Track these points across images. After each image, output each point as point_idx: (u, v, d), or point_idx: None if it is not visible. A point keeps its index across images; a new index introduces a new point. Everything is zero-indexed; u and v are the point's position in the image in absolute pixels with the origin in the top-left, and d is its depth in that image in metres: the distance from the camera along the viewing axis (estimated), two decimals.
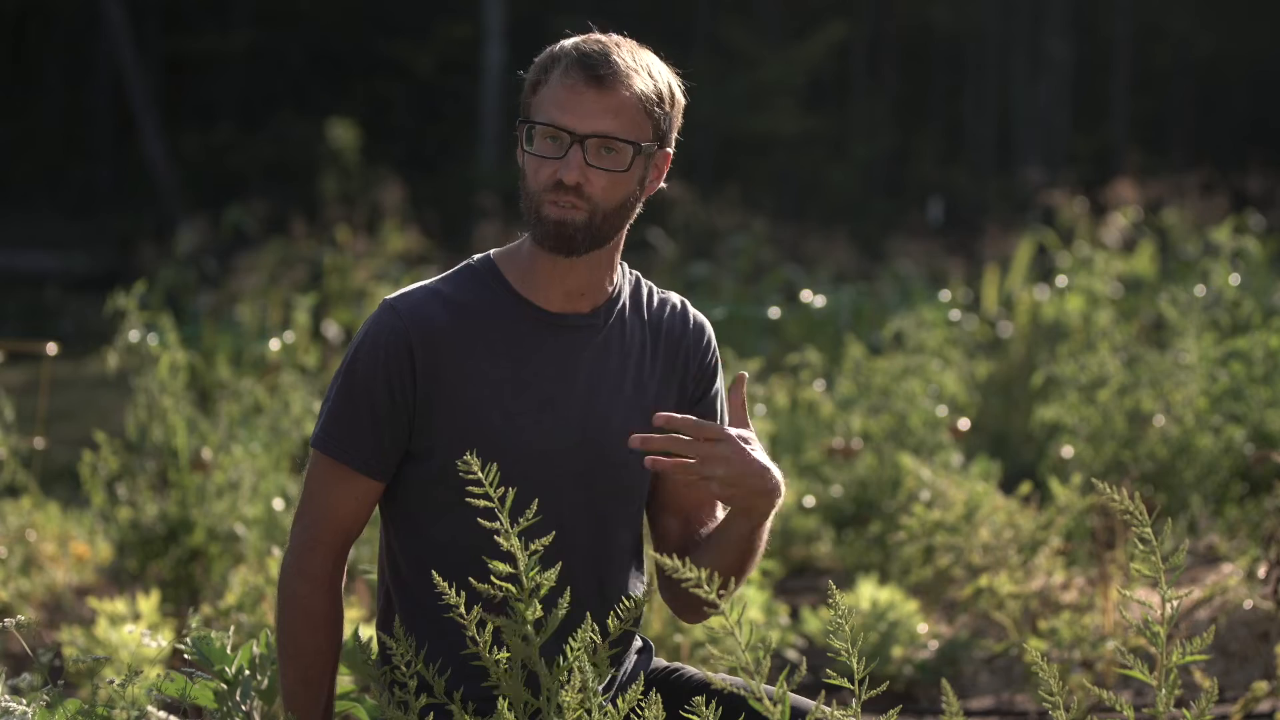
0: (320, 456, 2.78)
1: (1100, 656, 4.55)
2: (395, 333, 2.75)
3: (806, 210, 24.57)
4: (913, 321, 7.24)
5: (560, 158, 2.71)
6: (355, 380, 2.76)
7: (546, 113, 2.72)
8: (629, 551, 2.87)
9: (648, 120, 2.74)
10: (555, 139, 2.72)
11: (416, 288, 2.81)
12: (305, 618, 2.78)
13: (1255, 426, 5.80)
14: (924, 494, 5.48)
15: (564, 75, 2.72)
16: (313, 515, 2.79)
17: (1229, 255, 7.39)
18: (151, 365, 6.00)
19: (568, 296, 2.80)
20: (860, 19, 29.89)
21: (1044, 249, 12.56)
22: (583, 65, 2.72)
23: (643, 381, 2.84)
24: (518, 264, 2.82)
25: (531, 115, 2.75)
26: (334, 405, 2.77)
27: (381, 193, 16.06)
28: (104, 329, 6.39)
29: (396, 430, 2.75)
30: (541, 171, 2.73)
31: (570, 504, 2.77)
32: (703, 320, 2.94)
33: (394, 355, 2.74)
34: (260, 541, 5.76)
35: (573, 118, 2.70)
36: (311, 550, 2.78)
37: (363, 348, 2.77)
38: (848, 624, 2.48)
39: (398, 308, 2.77)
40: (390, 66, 27.84)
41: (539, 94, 2.74)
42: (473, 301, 2.79)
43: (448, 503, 2.74)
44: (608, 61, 2.72)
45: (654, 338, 2.87)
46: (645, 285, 2.91)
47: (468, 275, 2.83)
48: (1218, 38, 29.38)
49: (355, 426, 2.75)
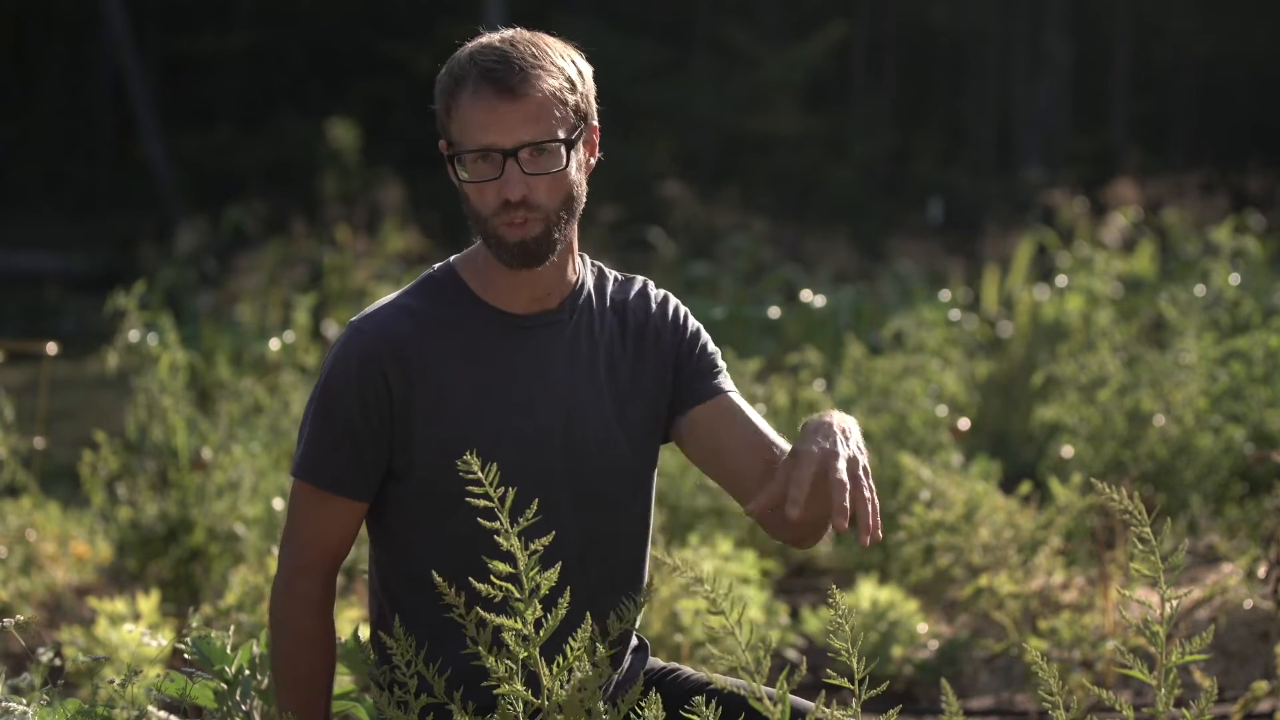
0: (302, 484, 2.77)
1: (1100, 656, 4.55)
2: (366, 355, 2.73)
3: (806, 210, 24.56)
4: (913, 321, 7.24)
5: (498, 177, 2.68)
6: (330, 406, 2.74)
7: (471, 137, 2.68)
8: (629, 540, 2.85)
9: (566, 110, 2.70)
10: (486, 159, 2.69)
11: (381, 306, 2.79)
12: (300, 642, 2.79)
13: (1255, 426, 5.80)
14: (924, 494, 5.48)
15: (474, 95, 2.67)
16: (299, 541, 2.78)
17: (1229, 255, 7.40)
18: (151, 365, 6.01)
19: (533, 298, 2.79)
20: (860, 19, 29.89)
21: (1044, 249, 12.56)
22: (489, 80, 2.67)
23: (615, 367, 2.82)
24: (479, 270, 2.81)
25: (454, 143, 2.71)
26: (311, 432, 2.76)
27: (381, 193, 16.07)
28: (104, 329, 6.39)
29: (376, 451, 2.74)
30: (485, 195, 2.70)
31: (560, 502, 2.76)
32: (665, 293, 2.91)
33: (367, 378, 2.72)
34: (260, 541, 5.76)
35: (496, 135, 2.67)
36: (301, 575, 2.78)
37: (334, 373, 2.74)
38: (848, 624, 2.48)
39: (365, 330, 2.75)
40: (390, 66, 27.82)
41: (454, 118, 2.70)
42: (439, 313, 2.77)
43: (430, 517, 2.74)
44: (511, 68, 2.67)
45: (621, 323, 2.85)
46: (609, 274, 2.89)
47: (431, 286, 2.81)
48: (1218, 38, 29.38)
49: (334, 452, 2.74)
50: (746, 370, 6.92)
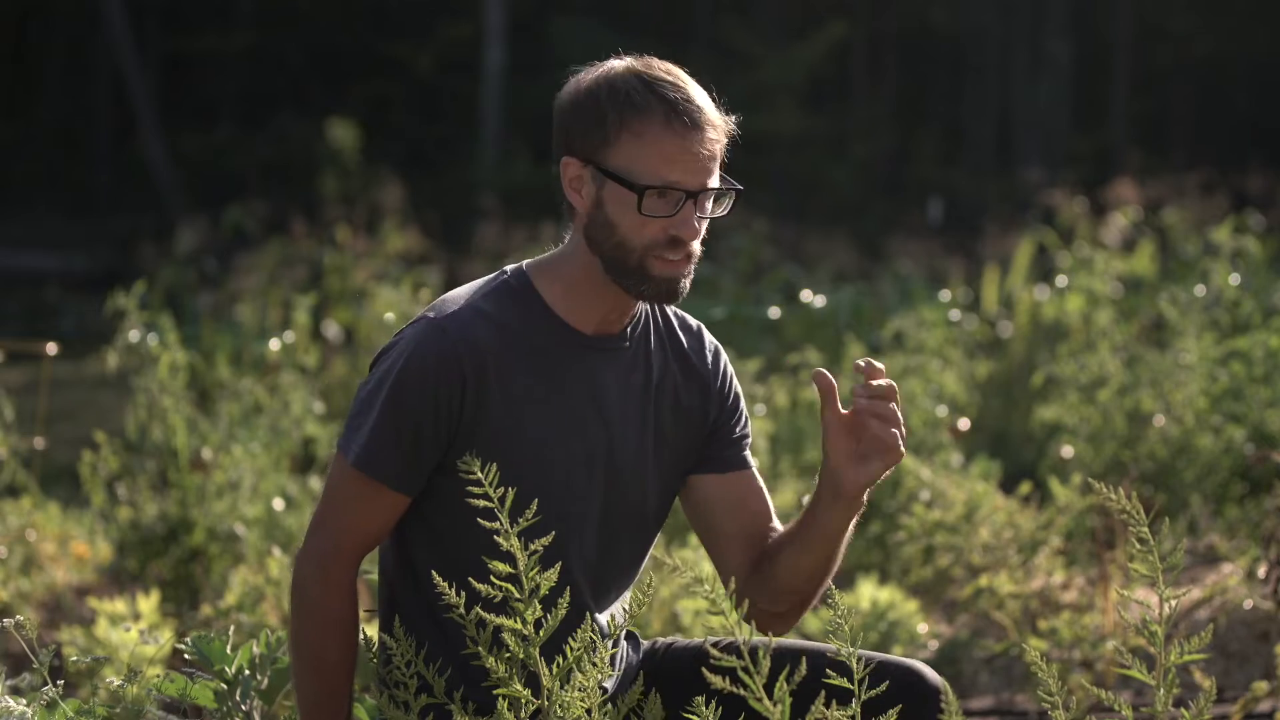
0: (354, 472, 2.71)
1: (1100, 656, 4.55)
2: (447, 358, 2.68)
3: (806, 210, 24.56)
4: (913, 321, 7.24)
5: (671, 215, 2.65)
6: (403, 401, 2.69)
7: (652, 170, 2.63)
8: (629, 576, 2.86)
9: (724, 157, 2.71)
10: (664, 195, 2.64)
11: (461, 307, 2.73)
12: (332, 628, 2.74)
13: (1255, 426, 5.80)
14: (924, 494, 5.48)
15: (665, 128, 2.63)
16: (339, 525, 2.73)
17: (1229, 255, 7.39)
18: (151, 365, 6.00)
19: (605, 320, 2.77)
20: (860, 19, 29.88)
21: (1044, 249, 12.55)
22: (684, 115, 2.64)
23: (661, 404, 2.82)
24: (558, 283, 2.76)
25: (623, 169, 2.65)
26: (377, 423, 2.69)
27: (381, 193, 16.06)
28: (104, 329, 6.39)
29: (435, 450, 2.71)
30: (648, 228, 2.65)
31: (589, 522, 2.76)
32: (718, 346, 2.90)
33: (445, 381, 2.68)
34: (260, 541, 5.75)
35: (683, 174, 2.63)
36: (335, 562, 2.73)
37: (411, 368, 2.69)
38: (848, 624, 2.48)
39: (449, 330, 2.69)
40: (390, 66, 27.83)
41: (626, 145, 2.65)
42: (513, 323, 2.73)
43: (473, 514, 2.73)
44: (700, 108, 2.65)
45: (678, 362, 2.84)
46: (665, 306, 2.87)
47: (506, 293, 2.76)
48: (1218, 38, 29.37)
49: (396, 446, 2.69)
50: (747, 370, 6.92)
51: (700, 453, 2.85)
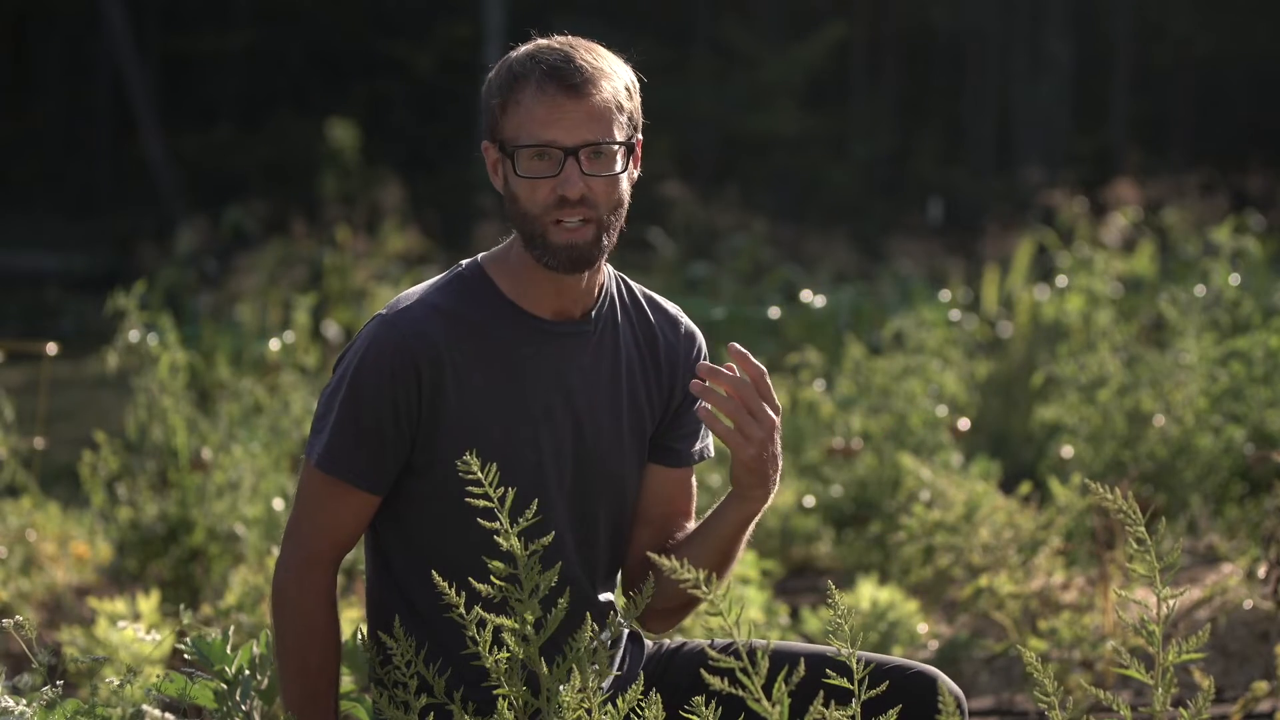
0: (319, 475, 2.73)
1: (1100, 656, 4.55)
2: (400, 353, 2.70)
3: (806, 210, 24.55)
4: (913, 321, 7.24)
5: (555, 175, 2.67)
6: (360, 400, 2.70)
7: (530, 133, 2.67)
8: (613, 560, 2.87)
9: (623, 116, 2.71)
10: (545, 156, 2.67)
11: (413, 303, 2.75)
12: (312, 634, 2.76)
13: (1255, 426, 5.80)
14: (924, 494, 5.48)
15: (538, 91, 2.67)
16: (310, 529, 2.75)
17: (1229, 255, 7.39)
18: (151, 365, 6.00)
19: (562, 305, 2.78)
20: (860, 19, 29.88)
21: (1044, 249, 12.55)
22: (555, 77, 2.67)
23: (635, 388, 2.83)
24: (509, 271, 2.79)
25: (510, 139, 2.69)
26: (336, 423, 2.72)
27: (381, 193, 16.05)
28: (104, 329, 6.39)
29: (400, 448, 2.72)
30: (538, 192, 2.68)
31: (560, 512, 2.77)
32: (694, 329, 2.92)
33: (400, 377, 2.70)
34: (260, 541, 5.75)
35: (559, 131, 2.66)
36: (311, 567, 2.75)
37: (365, 366, 2.71)
38: (847, 624, 2.48)
39: (400, 326, 2.72)
40: (390, 66, 27.82)
41: (511, 114, 2.69)
42: (468, 314, 2.75)
43: (444, 514, 2.73)
44: (576, 68, 2.68)
45: (647, 343, 2.85)
46: (630, 286, 2.88)
47: (459, 285, 2.78)
48: (1218, 38, 29.37)
49: (359, 446, 2.71)
50: None
51: (659, 436, 2.87)
